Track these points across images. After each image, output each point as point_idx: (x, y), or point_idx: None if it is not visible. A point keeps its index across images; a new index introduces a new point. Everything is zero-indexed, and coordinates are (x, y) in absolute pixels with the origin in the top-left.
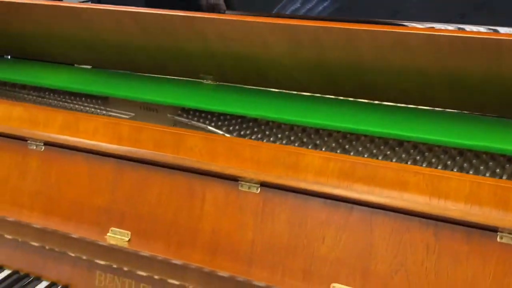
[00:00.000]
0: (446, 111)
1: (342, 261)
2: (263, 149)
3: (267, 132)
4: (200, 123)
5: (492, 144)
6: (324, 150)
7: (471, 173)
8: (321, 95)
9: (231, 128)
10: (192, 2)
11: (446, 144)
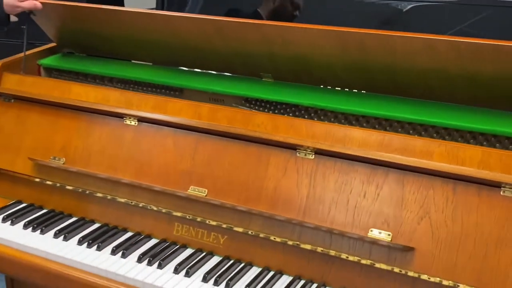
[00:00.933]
0: (463, 106)
1: (379, 211)
2: (317, 125)
3: (315, 120)
4: (260, 111)
5: (499, 128)
6: None
7: None
8: (361, 91)
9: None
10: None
11: (461, 128)
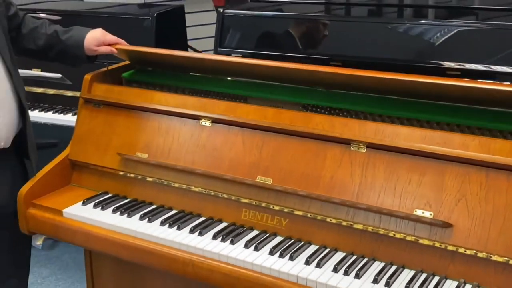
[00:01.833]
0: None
1: (422, 194)
2: (368, 124)
3: None
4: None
5: None
6: None
7: None
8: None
9: None
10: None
11: (492, 128)
